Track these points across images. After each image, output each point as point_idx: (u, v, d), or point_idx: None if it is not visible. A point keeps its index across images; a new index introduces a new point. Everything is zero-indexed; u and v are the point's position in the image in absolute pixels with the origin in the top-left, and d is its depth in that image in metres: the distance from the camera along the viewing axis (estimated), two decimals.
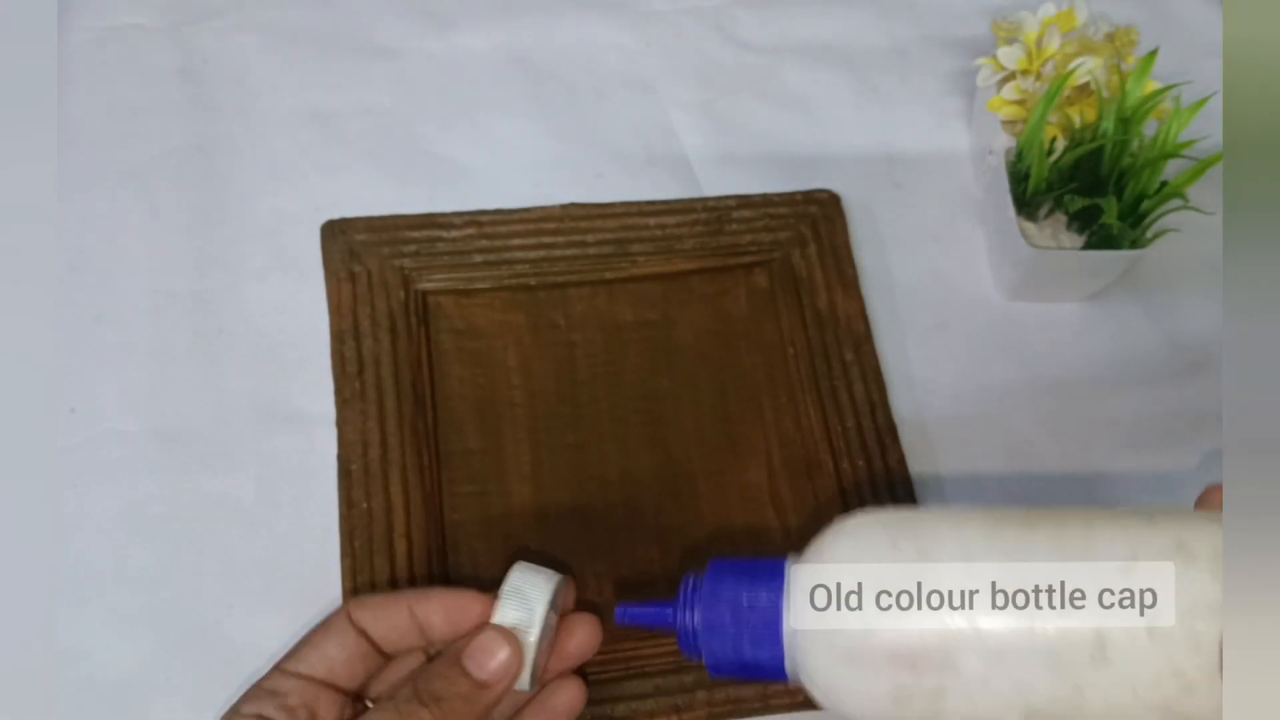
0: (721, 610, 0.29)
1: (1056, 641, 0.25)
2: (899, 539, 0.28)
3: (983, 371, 0.51)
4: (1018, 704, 0.25)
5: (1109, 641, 0.25)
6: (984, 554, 0.26)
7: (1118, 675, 0.25)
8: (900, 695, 0.26)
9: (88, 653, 0.40)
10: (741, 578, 0.29)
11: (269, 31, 0.55)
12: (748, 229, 0.51)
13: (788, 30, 0.60)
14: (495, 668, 0.33)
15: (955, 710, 0.26)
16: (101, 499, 0.43)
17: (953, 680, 0.26)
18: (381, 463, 0.44)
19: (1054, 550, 0.26)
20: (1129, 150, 0.47)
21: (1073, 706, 0.25)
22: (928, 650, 0.26)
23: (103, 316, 0.47)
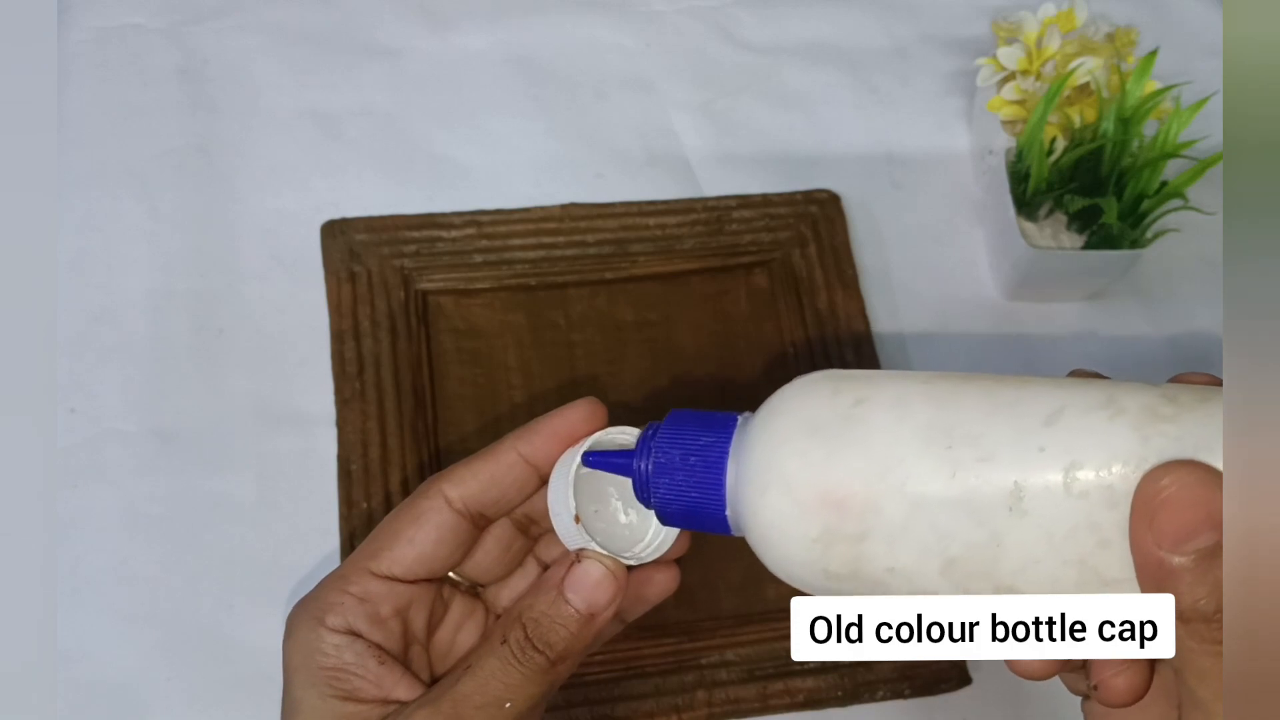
0: (672, 454, 0.29)
1: (976, 490, 0.25)
2: (840, 387, 0.28)
3: (983, 370, 0.50)
4: (936, 551, 0.25)
5: (1027, 492, 0.24)
6: (917, 403, 0.27)
7: (1034, 526, 0.24)
8: (826, 538, 0.26)
9: (88, 653, 0.40)
10: (695, 425, 0.30)
11: (269, 31, 0.55)
12: (748, 229, 0.51)
13: (788, 30, 0.60)
14: (603, 600, 0.30)
15: (876, 555, 0.26)
16: (101, 499, 0.43)
17: (875, 524, 0.26)
18: (381, 463, 0.44)
19: (984, 401, 0.26)
20: (1129, 150, 0.47)
21: (990, 556, 0.25)
22: (854, 492, 0.26)
23: (103, 316, 0.47)
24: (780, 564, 0.28)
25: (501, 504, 0.32)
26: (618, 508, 0.32)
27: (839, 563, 0.26)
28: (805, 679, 0.42)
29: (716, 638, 0.43)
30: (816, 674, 0.42)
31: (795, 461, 0.27)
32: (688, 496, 0.29)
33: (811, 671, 0.42)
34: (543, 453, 0.32)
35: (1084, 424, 0.25)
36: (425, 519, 0.31)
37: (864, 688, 0.42)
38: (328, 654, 0.30)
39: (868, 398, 0.27)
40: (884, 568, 0.26)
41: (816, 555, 0.27)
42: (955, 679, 0.43)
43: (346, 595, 0.31)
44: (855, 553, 0.26)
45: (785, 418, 0.28)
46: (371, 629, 0.31)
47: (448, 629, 0.34)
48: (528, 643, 0.30)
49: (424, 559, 0.31)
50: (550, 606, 0.30)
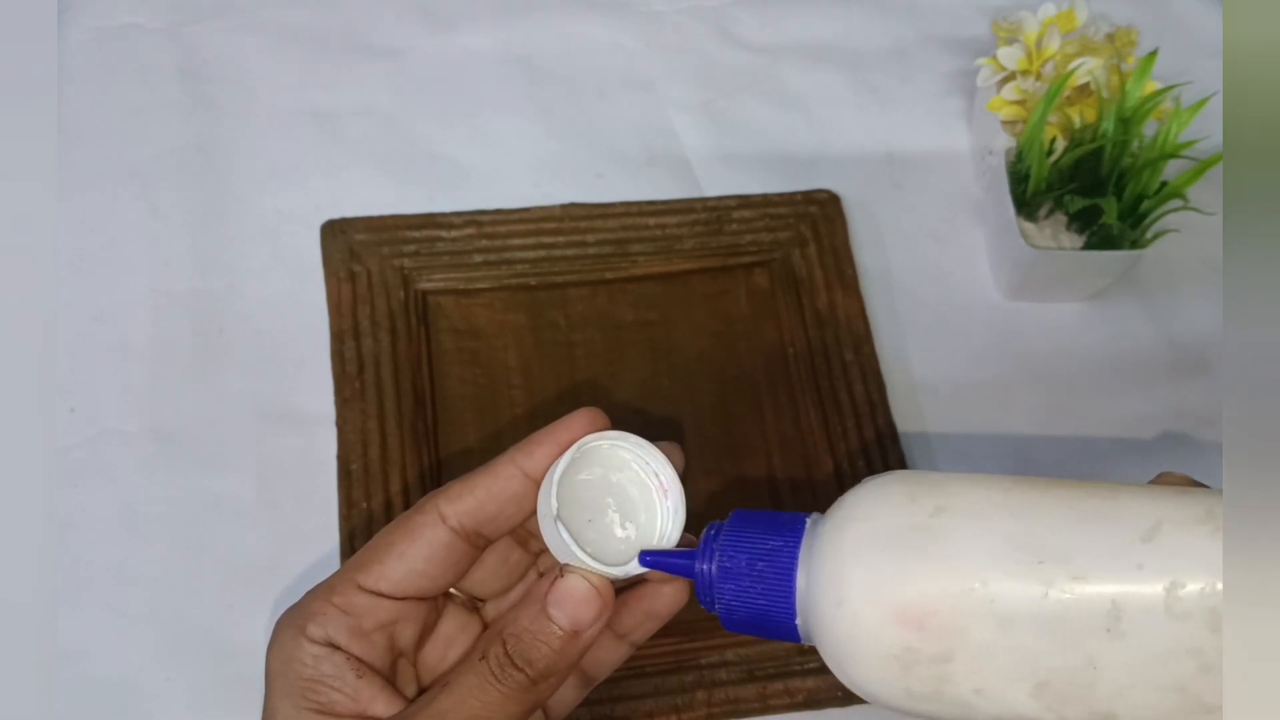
0: (738, 559, 0.28)
1: (1069, 610, 0.24)
2: (916, 494, 0.26)
3: (983, 371, 0.51)
4: (1026, 674, 0.24)
5: (1124, 613, 0.23)
6: (1000, 514, 0.25)
7: (1132, 650, 0.23)
8: (907, 658, 0.25)
9: (88, 653, 0.40)
10: (762, 528, 0.28)
11: (269, 31, 0.55)
12: (748, 229, 0.51)
13: (788, 30, 0.60)
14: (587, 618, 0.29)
15: (961, 678, 0.25)
16: (101, 499, 0.43)
17: (960, 645, 0.25)
18: (381, 463, 0.44)
19: (1073, 513, 0.25)
20: (1129, 150, 0.47)
21: (1085, 681, 0.24)
22: (935, 610, 0.25)
23: (103, 316, 0.47)
24: (857, 682, 0.27)
25: (500, 520, 0.31)
26: (614, 520, 0.31)
27: (921, 683, 0.25)
28: (805, 679, 0.42)
29: (716, 638, 0.43)
30: (816, 674, 0.42)
31: (871, 575, 0.26)
32: (755, 605, 0.28)
33: (811, 672, 0.42)
34: (543, 467, 0.31)
35: (1184, 540, 0.23)
36: (418, 535, 0.30)
37: None
38: (306, 664, 0.29)
39: (947, 507, 0.26)
40: (970, 689, 0.25)
41: (896, 674, 0.25)
42: None
43: (330, 606, 0.30)
44: (939, 673, 0.25)
45: (859, 525, 0.27)
46: (352, 641, 0.30)
47: (438, 643, 0.33)
48: (507, 659, 0.29)
49: (413, 575, 0.30)
50: (532, 622, 0.29)
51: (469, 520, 0.31)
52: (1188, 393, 0.51)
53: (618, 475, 0.31)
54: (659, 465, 0.31)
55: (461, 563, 0.31)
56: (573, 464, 0.30)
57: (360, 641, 0.30)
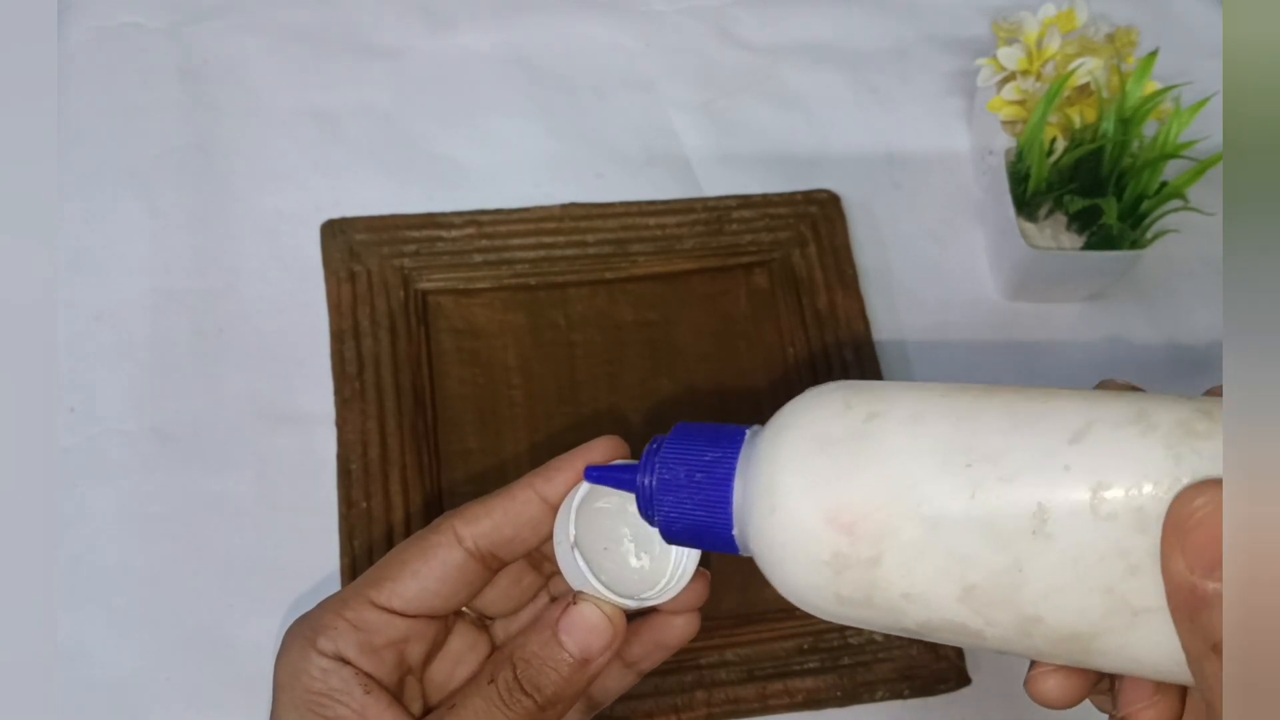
0: (677, 471, 0.28)
1: (996, 512, 0.23)
2: (852, 400, 0.26)
3: (983, 371, 0.51)
4: (955, 577, 0.24)
5: (1051, 515, 0.23)
6: (934, 419, 0.25)
7: (1059, 551, 0.23)
8: (837, 562, 0.25)
9: (88, 653, 0.40)
10: (702, 440, 0.28)
11: (269, 31, 0.55)
12: (748, 229, 0.51)
13: (788, 30, 0.60)
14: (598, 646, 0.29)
15: (891, 581, 0.25)
16: (101, 499, 0.43)
17: (889, 549, 0.24)
18: (381, 463, 0.44)
19: (1005, 416, 0.24)
20: (1129, 151, 0.47)
21: (1012, 584, 0.23)
22: (866, 514, 0.24)
23: (103, 316, 0.47)
24: (789, 587, 0.26)
25: (515, 544, 0.31)
26: (629, 549, 0.31)
27: (851, 588, 0.25)
28: (804, 679, 0.42)
29: (715, 638, 0.43)
30: (816, 674, 0.42)
31: (803, 480, 0.25)
32: (693, 515, 0.28)
33: (811, 671, 0.42)
34: (561, 493, 0.31)
35: (1113, 441, 0.23)
36: (433, 554, 0.30)
37: (863, 688, 0.42)
38: (314, 677, 0.29)
39: (881, 412, 0.26)
40: (899, 593, 0.25)
41: (827, 579, 0.25)
42: (954, 679, 0.43)
43: (341, 620, 0.30)
44: (869, 578, 0.25)
45: (794, 432, 0.26)
46: (361, 657, 0.30)
47: (446, 660, 0.33)
48: (516, 684, 0.28)
49: (426, 594, 0.30)
50: (542, 648, 0.29)
51: (485, 542, 0.31)
52: (1187, 392, 0.51)
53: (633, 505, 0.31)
54: None
55: (475, 583, 0.31)
56: (591, 492, 0.30)
57: (370, 657, 0.30)
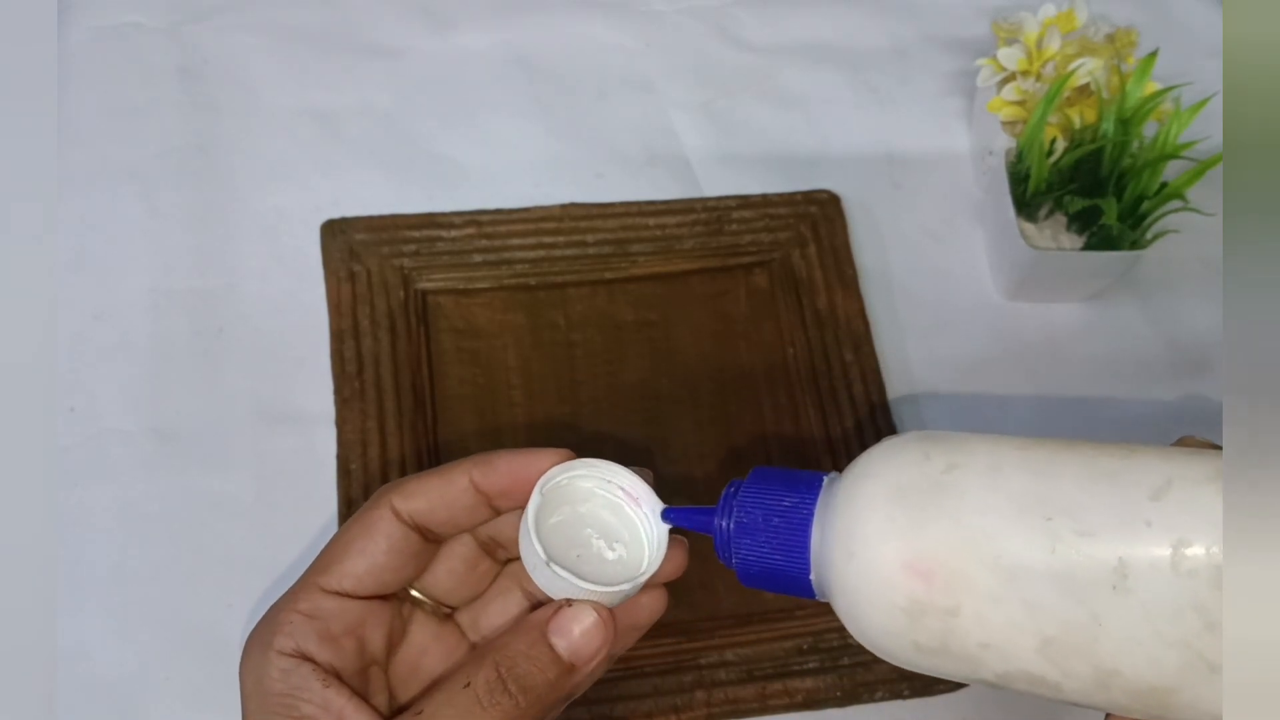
0: (755, 515, 0.28)
1: (1076, 566, 0.24)
2: (931, 451, 0.27)
3: (983, 371, 0.51)
4: (1032, 629, 0.24)
5: (1131, 570, 0.23)
6: (1012, 471, 0.25)
7: (1137, 606, 0.23)
8: (914, 610, 0.25)
9: (88, 653, 0.40)
10: (780, 485, 0.29)
11: (269, 31, 0.55)
12: (748, 229, 0.51)
13: (788, 30, 0.60)
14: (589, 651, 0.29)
15: (967, 630, 0.25)
16: (101, 499, 0.43)
17: (966, 599, 0.25)
18: (381, 462, 0.44)
19: (1085, 471, 0.25)
20: (1129, 151, 0.47)
21: (1089, 636, 0.24)
22: (944, 563, 0.25)
23: (103, 316, 0.47)
24: (866, 634, 0.27)
25: (450, 525, 0.31)
26: (600, 546, 0.31)
27: (927, 635, 0.26)
28: (804, 679, 0.42)
29: (715, 638, 0.43)
30: (815, 674, 0.42)
31: (883, 528, 0.26)
32: (770, 559, 0.28)
33: (810, 672, 0.42)
34: (496, 486, 0.31)
35: (1193, 498, 0.23)
36: (374, 529, 0.30)
37: (862, 688, 0.42)
38: (275, 679, 0.28)
39: (960, 464, 0.26)
40: (976, 643, 0.25)
41: (904, 626, 0.26)
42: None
43: (295, 614, 0.29)
44: (945, 626, 0.25)
45: (873, 481, 0.27)
46: (321, 648, 0.29)
47: (410, 651, 0.32)
48: (499, 683, 0.28)
49: (374, 571, 0.30)
50: (530, 646, 0.28)
51: (420, 519, 0.31)
52: (1188, 393, 0.51)
53: (585, 506, 0.31)
54: (618, 477, 0.31)
55: (421, 556, 0.31)
56: (541, 507, 0.30)
57: (330, 647, 0.29)
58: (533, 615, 0.30)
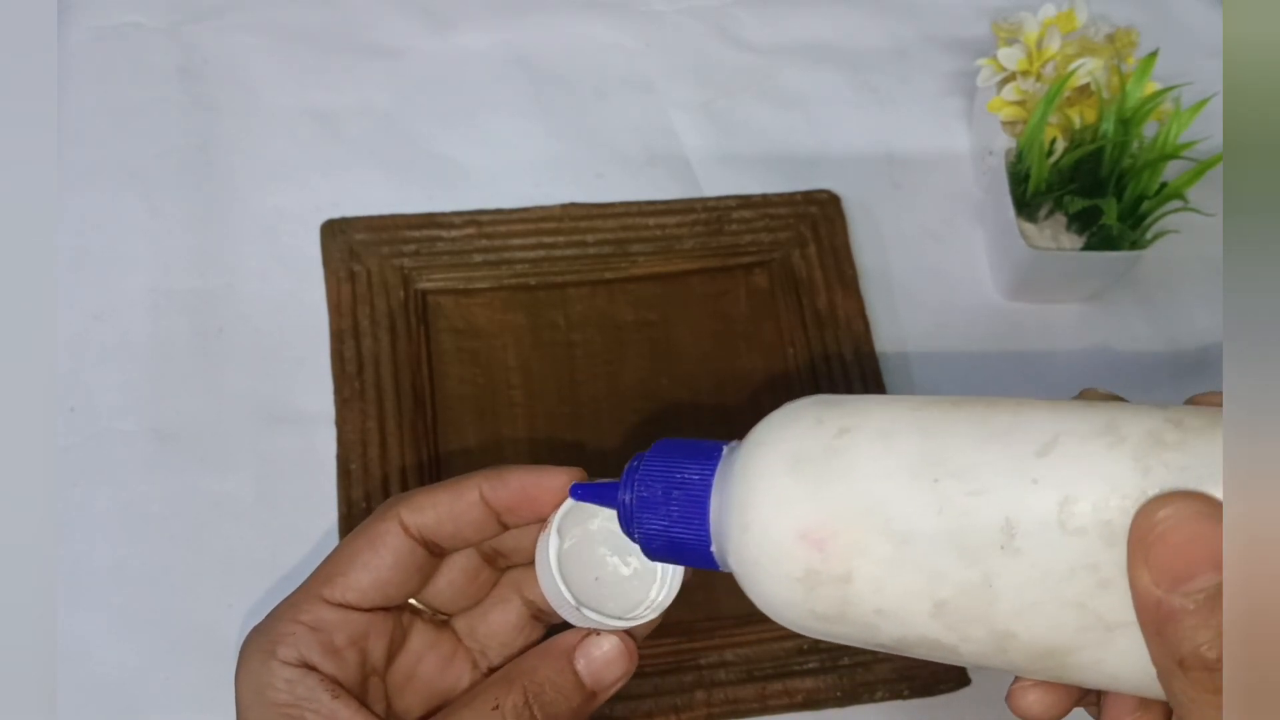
0: (655, 488, 0.28)
1: (965, 527, 0.23)
2: (824, 416, 0.26)
3: (983, 371, 0.51)
4: (925, 594, 0.24)
5: (1020, 529, 0.23)
6: (904, 433, 0.25)
7: (1028, 566, 0.23)
8: (810, 580, 0.25)
9: (88, 653, 0.40)
10: (679, 457, 0.28)
11: (269, 31, 0.55)
12: (748, 229, 0.51)
13: (788, 30, 0.60)
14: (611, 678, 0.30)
15: (863, 597, 0.25)
16: (101, 499, 0.43)
17: (860, 565, 0.24)
18: (381, 463, 0.44)
19: (974, 430, 0.24)
20: (1129, 151, 0.47)
21: (983, 599, 0.23)
22: (836, 531, 0.24)
23: (103, 316, 0.47)
24: (766, 604, 0.27)
25: (457, 539, 0.31)
26: (616, 564, 0.31)
27: (825, 604, 0.25)
28: (804, 679, 0.42)
29: (715, 638, 0.43)
30: (815, 674, 0.42)
31: (775, 497, 0.25)
32: (671, 532, 0.28)
33: (810, 672, 0.42)
34: (506, 503, 0.31)
35: (1080, 453, 0.23)
36: (381, 543, 0.30)
37: (863, 688, 0.42)
38: (279, 689, 0.28)
39: (852, 427, 0.25)
40: (872, 609, 0.25)
41: (801, 596, 0.25)
42: (954, 680, 0.43)
43: (298, 625, 0.29)
44: (841, 594, 0.25)
45: (766, 449, 0.26)
46: (325, 660, 0.29)
47: (407, 658, 0.32)
48: (525, 709, 0.28)
49: (380, 584, 0.30)
50: (557, 674, 0.29)
51: (429, 533, 0.31)
52: (1188, 393, 0.51)
53: (595, 523, 0.31)
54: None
55: (426, 569, 0.31)
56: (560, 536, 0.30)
57: (333, 659, 0.29)
58: (559, 641, 0.30)
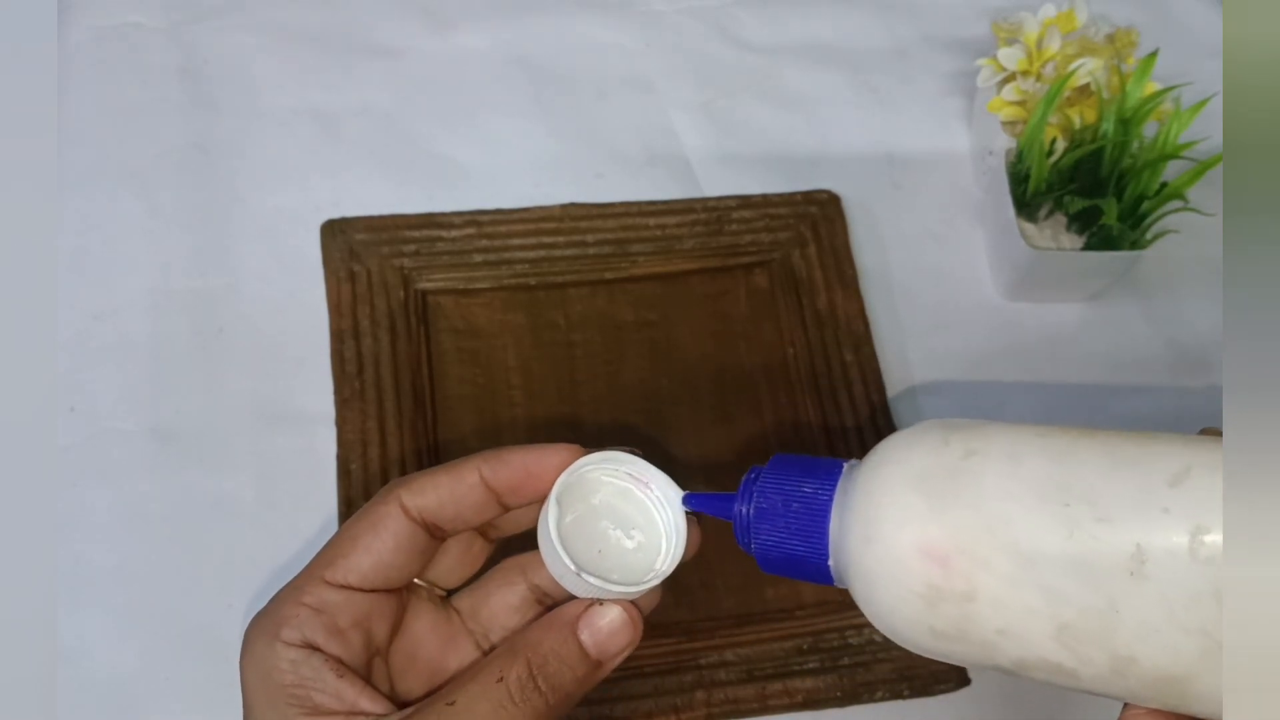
0: (774, 500, 0.28)
1: (1093, 552, 0.23)
2: (950, 438, 0.27)
3: (983, 371, 0.51)
4: (1048, 614, 0.24)
5: (1148, 556, 0.23)
6: (1031, 457, 0.25)
7: (1154, 593, 0.23)
8: (931, 595, 0.25)
9: (88, 653, 0.40)
10: (799, 472, 0.29)
11: (269, 31, 0.55)
12: (748, 229, 0.51)
13: (788, 30, 0.60)
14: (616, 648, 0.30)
15: (984, 617, 0.25)
16: (101, 499, 0.43)
17: (983, 584, 0.25)
18: (381, 463, 0.44)
19: (1104, 458, 0.25)
20: (1129, 151, 0.47)
21: (1106, 623, 0.24)
22: (961, 548, 0.25)
23: (103, 316, 0.47)
24: (883, 620, 0.27)
25: (458, 521, 0.31)
26: (619, 538, 0.31)
27: (945, 622, 0.25)
28: (804, 679, 0.42)
29: (715, 638, 0.43)
30: (815, 674, 0.42)
31: (900, 513, 0.26)
32: (789, 544, 0.28)
33: (810, 672, 0.42)
34: (507, 483, 0.31)
35: (1212, 485, 0.23)
36: (383, 526, 0.30)
37: (863, 688, 0.42)
38: (284, 670, 0.28)
39: (979, 450, 0.26)
40: (993, 629, 0.25)
41: (921, 612, 0.26)
42: (954, 680, 0.43)
43: (301, 607, 0.29)
44: (961, 612, 0.25)
45: (892, 467, 0.27)
46: (329, 640, 0.29)
47: (410, 639, 0.32)
48: (530, 681, 0.28)
49: (381, 567, 0.30)
50: (561, 645, 0.29)
51: (429, 515, 0.31)
52: (1188, 393, 0.51)
53: (597, 498, 0.31)
54: (626, 465, 0.31)
55: (426, 551, 0.31)
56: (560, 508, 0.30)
57: (337, 640, 0.29)
58: (562, 612, 0.30)
